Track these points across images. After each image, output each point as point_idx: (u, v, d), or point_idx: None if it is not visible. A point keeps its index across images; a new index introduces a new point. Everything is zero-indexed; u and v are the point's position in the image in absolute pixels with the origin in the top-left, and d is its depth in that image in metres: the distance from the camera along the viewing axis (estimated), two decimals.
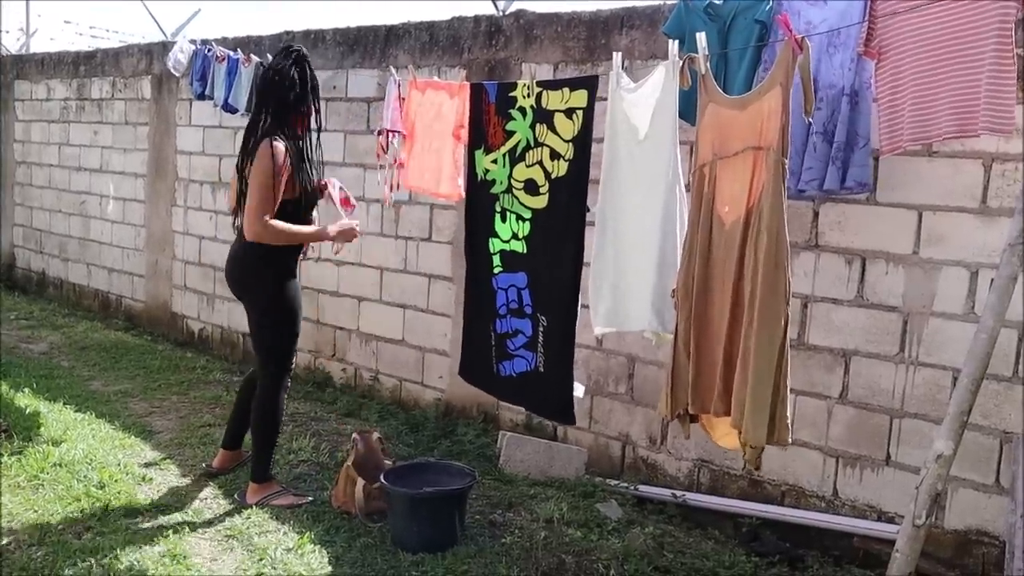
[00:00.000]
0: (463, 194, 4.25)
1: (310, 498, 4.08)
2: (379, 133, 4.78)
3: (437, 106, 4.50)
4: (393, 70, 4.92)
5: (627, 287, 3.44)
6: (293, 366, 4.10)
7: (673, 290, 3.18)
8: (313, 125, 3.97)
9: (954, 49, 2.91)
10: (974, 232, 3.54)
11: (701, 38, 3.12)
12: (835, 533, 3.90)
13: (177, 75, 7.08)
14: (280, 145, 3.78)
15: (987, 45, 2.80)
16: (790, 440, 2.85)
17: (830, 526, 3.90)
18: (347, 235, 4.03)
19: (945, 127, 2.98)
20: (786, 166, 2.77)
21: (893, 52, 3.10)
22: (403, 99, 4.74)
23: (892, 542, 2.91)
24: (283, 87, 3.86)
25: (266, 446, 4.05)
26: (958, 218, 3.58)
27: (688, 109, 3.49)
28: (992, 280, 2.78)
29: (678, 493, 4.31)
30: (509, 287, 3.87)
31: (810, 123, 3.44)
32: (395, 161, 4.76)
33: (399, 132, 4.72)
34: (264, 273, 3.91)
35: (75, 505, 3.89)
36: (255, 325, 4.02)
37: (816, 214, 3.94)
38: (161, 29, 8.10)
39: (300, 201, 3.88)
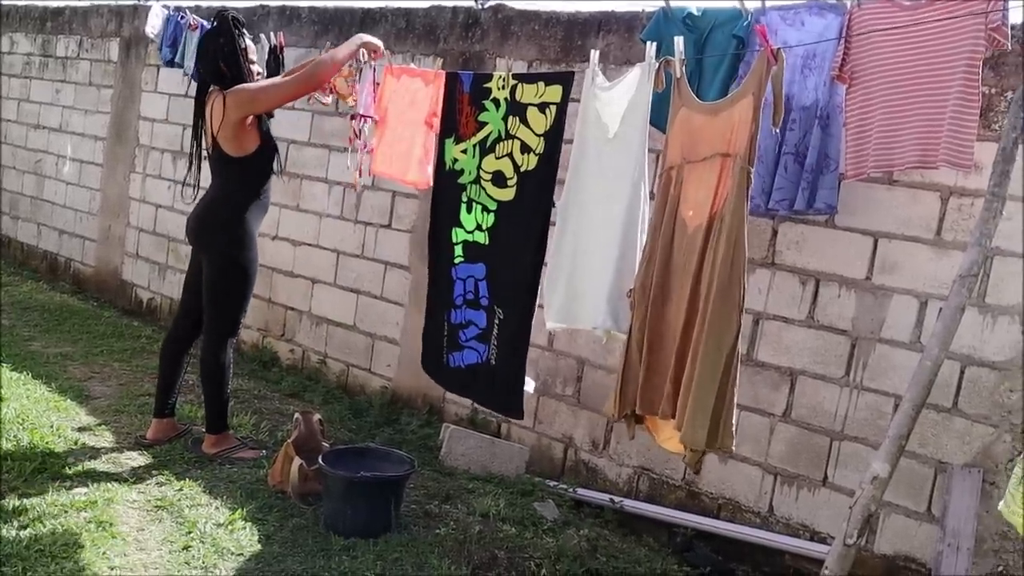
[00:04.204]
0: (431, 182, 4.22)
1: (264, 452, 4.22)
2: (352, 118, 4.73)
3: (412, 93, 4.45)
4: (365, 53, 4.86)
5: (582, 284, 3.44)
6: (240, 326, 4.23)
7: (630, 290, 3.18)
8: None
9: (923, 80, 2.95)
10: (927, 263, 3.59)
11: (679, 42, 3.14)
12: (768, 549, 3.93)
13: (155, 40, 6.92)
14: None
15: (955, 79, 2.84)
16: (733, 447, 2.87)
17: (763, 542, 3.93)
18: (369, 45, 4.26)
19: (908, 156, 3.02)
20: (751, 175, 2.78)
21: (865, 78, 3.14)
22: (378, 84, 4.69)
23: (823, 562, 2.93)
24: (214, 56, 4.01)
25: (218, 396, 4.15)
26: (912, 248, 3.63)
27: (661, 117, 3.50)
28: (940, 309, 2.82)
29: (616, 498, 4.32)
30: (468, 278, 3.86)
31: (782, 143, 3.47)
32: (365, 146, 4.71)
33: (371, 117, 4.67)
34: (227, 234, 4.01)
35: (2, 464, 3.78)
36: (209, 282, 4.08)
37: (775, 232, 3.97)
38: None
39: (263, 153, 4.05)
